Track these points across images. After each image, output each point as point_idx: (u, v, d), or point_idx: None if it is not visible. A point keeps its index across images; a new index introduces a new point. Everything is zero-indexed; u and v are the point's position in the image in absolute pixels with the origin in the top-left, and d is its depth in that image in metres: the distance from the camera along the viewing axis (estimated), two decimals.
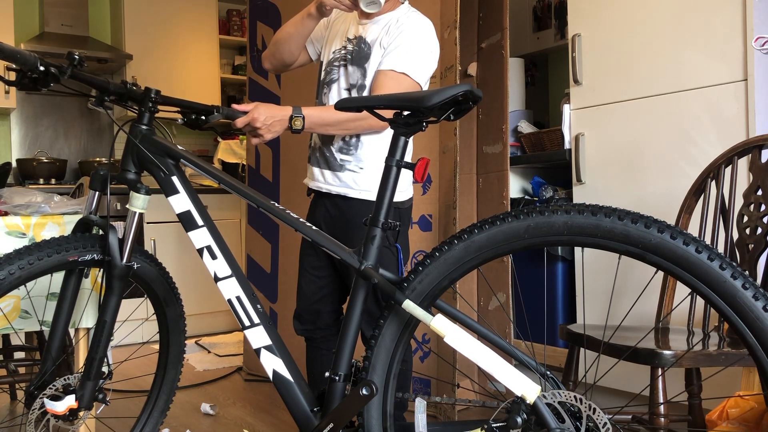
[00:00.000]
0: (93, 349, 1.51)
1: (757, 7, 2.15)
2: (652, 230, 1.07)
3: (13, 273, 1.37)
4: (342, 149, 1.88)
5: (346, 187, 1.87)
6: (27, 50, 1.40)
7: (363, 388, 1.27)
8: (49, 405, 1.47)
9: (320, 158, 1.92)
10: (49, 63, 1.39)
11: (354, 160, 1.86)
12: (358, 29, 1.91)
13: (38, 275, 1.42)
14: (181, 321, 1.80)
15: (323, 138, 1.91)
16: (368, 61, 1.86)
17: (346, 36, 1.94)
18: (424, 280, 1.25)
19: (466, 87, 1.25)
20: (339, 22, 2.02)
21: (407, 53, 1.80)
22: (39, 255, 1.40)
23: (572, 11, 2.74)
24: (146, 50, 4.80)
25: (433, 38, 1.87)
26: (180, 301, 1.78)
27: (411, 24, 1.83)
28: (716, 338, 1.74)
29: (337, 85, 1.93)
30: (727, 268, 1.03)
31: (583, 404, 1.10)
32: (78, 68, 1.41)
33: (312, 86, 3.12)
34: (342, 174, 1.87)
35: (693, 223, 1.98)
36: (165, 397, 1.82)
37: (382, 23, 1.87)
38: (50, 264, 1.42)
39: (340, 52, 1.94)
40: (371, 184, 1.85)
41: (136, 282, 1.67)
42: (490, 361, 1.16)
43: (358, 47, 1.89)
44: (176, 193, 1.52)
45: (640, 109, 2.48)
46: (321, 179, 1.92)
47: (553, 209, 1.14)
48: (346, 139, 1.87)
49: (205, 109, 1.66)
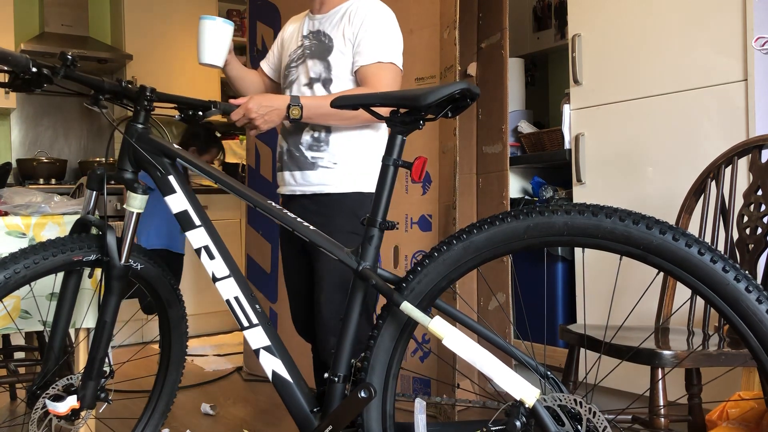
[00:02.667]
0: (94, 349, 1.51)
1: (757, 7, 2.15)
2: (654, 231, 1.06)
3: (18, 272, 1.37)
4: (312, 146, 1.82)
5: (321, 185, 1.82)
6: (27, 50, 1.39)
7: (362, 391, 1.27)
8: (51, 405, 1.47)
9: (289, 161, 1.86)
10: (41, 64, 1.37)
11: (327, 156, 1.81)
12: (314, 24, 1.88)
13: (43, 275, 1.42)
14: (183, 322, 1.79)
15: (290, 139, 1.86)
16: (331, 53, 1.82)
17: (300, 34, 1.90)
18: (423, 281, 1.24)
19: (463, 84, 1.25)
20: (289, 29, 1.99)
21: (385, 42, 1.78)
22: (44, 254, 1.40)
23: (572, 11, 2.74)
24: (146, 50, 4.80)
25: (396, 22, 1.86)
26: (182, 302, 1.78)
27: (375, 12, 1.81)
28: (716, 338, 1.74)
29: (297, 83, 1.88)
30: (730, 270, 1.02)
31: (583, 407, 1.10)
32: (71, 68, 1.38)
33: None
34: (315, 172, 1.82)
35: (693, 223, 1.98)
36: (166, 399, 1.81)
37: (339, 14, 1.84)
38: (55, 264, 1.43)
39: (296, 51, 1.90)
40: (347, 176, 1.81)
41: (139, 282, 1.66)
42: (488, 363, 1.15)
43: (317, 40, 1.85)
44: (173, 192, 1.51)
45: (640, 109, 2.47)
46: (293, 182, 1.86)
47: (554, 209, 1.13)
48: (315, 135, 1.82)
49: (202, 105, 1.65)
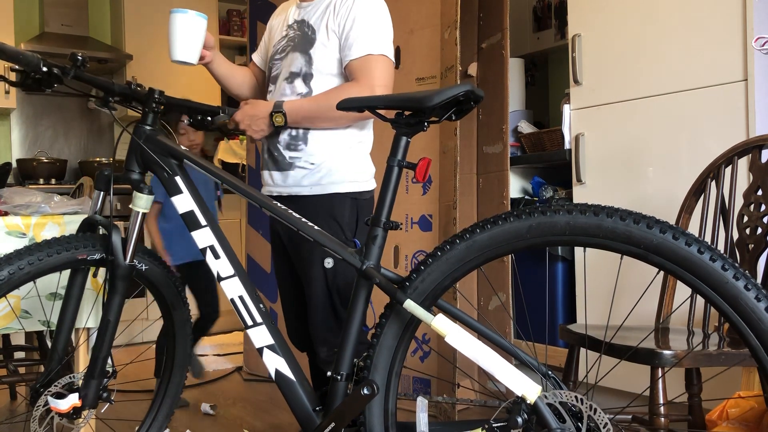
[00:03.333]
0: (97, 348, 1.51)
1: (757, 7, 2.16)
2: (655, 231, 1.07)
3: (22, 268, 1.38)
4: (289, 145, 1.74)
5: (297, 186, 1.74)
6: (27, 50, 1.40)
7: (364, 388, 1.27)
8: (53, 403, 1.48)
9: (269, 161, 1.79)
10: (51, 63, 1.39)
11: (304, 156, 1.73)
12: (299, 13, 1.78)
13: (47, 272, 1.42)
14: (188, 325, 1.78)
15: (269, 138, 1.77)
16: (313, 46, 1.72)
17: (286, 23, 1.82)
18: (427, 279, 1.25)
19: (467, 87, 1.25)
20: (276, 15, 1.90)
21: (375, 32, 1.68)
22: (49, 252, 1.41)
23: (572, 11, 2.74)
24: (146, 50, 4.80)
25: (386, 10, 1.75)
26: (187, 305, 1.77)
27: (362, 1, 1.70)
28: (716, 338, 1.75)
29: (280, 78, 1.78)
30: (729, 269, 1.03)
31: (584, 405, 1.11)
32: (81, 69, 1.41)
33: None
34: (292, 173, 1.73)
35: (693, 223, 1.98)
36: (170, 402, 1.80)
37: (324, 2, 1.74)
38: (59, 261, 1.43)
39: (280, 42, 1.81)
40: (324, 177, 1.71)
41: (144, 284, 1.66)
42: (490, 360, 1.16)
43: (301, 31, 1.75)
44: (180, 193, 1.53)
45: (640, 109, 2.48)
46: (271, 182, 1.79)
47: (555, 209, 1.14)
48: (292, 133, 1.73)
49: (211, 110, 1.66)
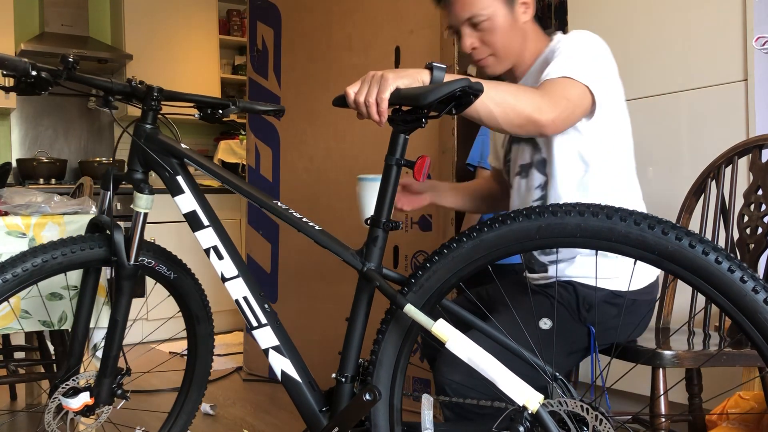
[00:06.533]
0: (107, 348, 1.52)
1: (757, 6, 2.16)
2: (670, 237, 1.01)
3: (27, 270, 1.37)
4: None
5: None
6: (27, 50, 1.38)
7: (366, 394, 1.26)
8: (65, 401, 1.49)
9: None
10: (41, 67, 1.33)
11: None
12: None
13: (51, 274, 1.42)
14: (210, 340, 1.74)
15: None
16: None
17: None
18: (432, 277, 1.22)
19: (464, 82, 1.19)
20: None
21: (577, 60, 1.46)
22: (53, 254, 1.40)
23: (572, 11, 2.74)
24: (146, 50, 4.80)
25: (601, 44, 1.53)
26: (211, 320, 1.73)
27: (572, 35, 1.54)
28: (717, 338, 1.75)
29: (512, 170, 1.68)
30: (748, 280, 0.97)
31: (590, 414, 1.07)
32: (72, 71, 1.35)
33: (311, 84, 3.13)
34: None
35: (693, 223, 1.98)
36: (185, 418, 1.76)
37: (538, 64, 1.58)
38: (67, 262, 1.43)
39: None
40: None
41: (170, 293, 1.66)
42: (492, 368, 1.13)
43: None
44: (181, 192, 1.51)
45: (640, 108, 2.48)
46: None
47: (567, 210, 1.09)
48: None
49: (220, 103, 1.62)
